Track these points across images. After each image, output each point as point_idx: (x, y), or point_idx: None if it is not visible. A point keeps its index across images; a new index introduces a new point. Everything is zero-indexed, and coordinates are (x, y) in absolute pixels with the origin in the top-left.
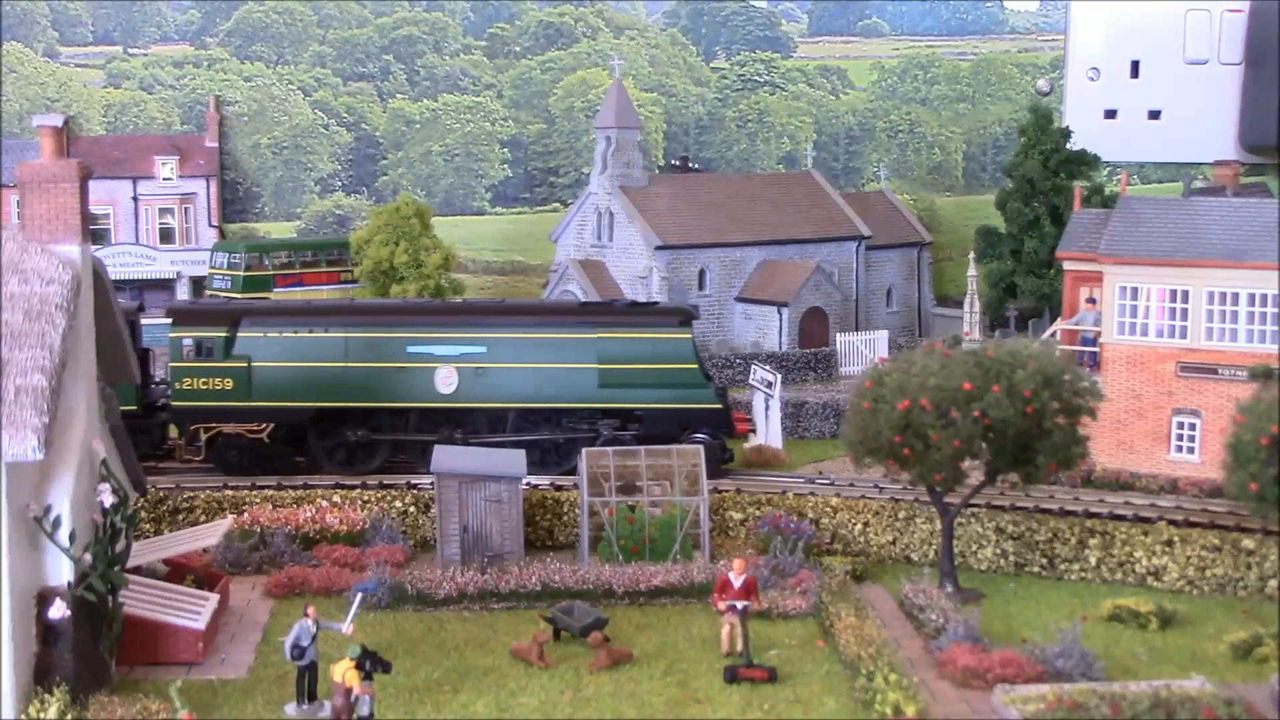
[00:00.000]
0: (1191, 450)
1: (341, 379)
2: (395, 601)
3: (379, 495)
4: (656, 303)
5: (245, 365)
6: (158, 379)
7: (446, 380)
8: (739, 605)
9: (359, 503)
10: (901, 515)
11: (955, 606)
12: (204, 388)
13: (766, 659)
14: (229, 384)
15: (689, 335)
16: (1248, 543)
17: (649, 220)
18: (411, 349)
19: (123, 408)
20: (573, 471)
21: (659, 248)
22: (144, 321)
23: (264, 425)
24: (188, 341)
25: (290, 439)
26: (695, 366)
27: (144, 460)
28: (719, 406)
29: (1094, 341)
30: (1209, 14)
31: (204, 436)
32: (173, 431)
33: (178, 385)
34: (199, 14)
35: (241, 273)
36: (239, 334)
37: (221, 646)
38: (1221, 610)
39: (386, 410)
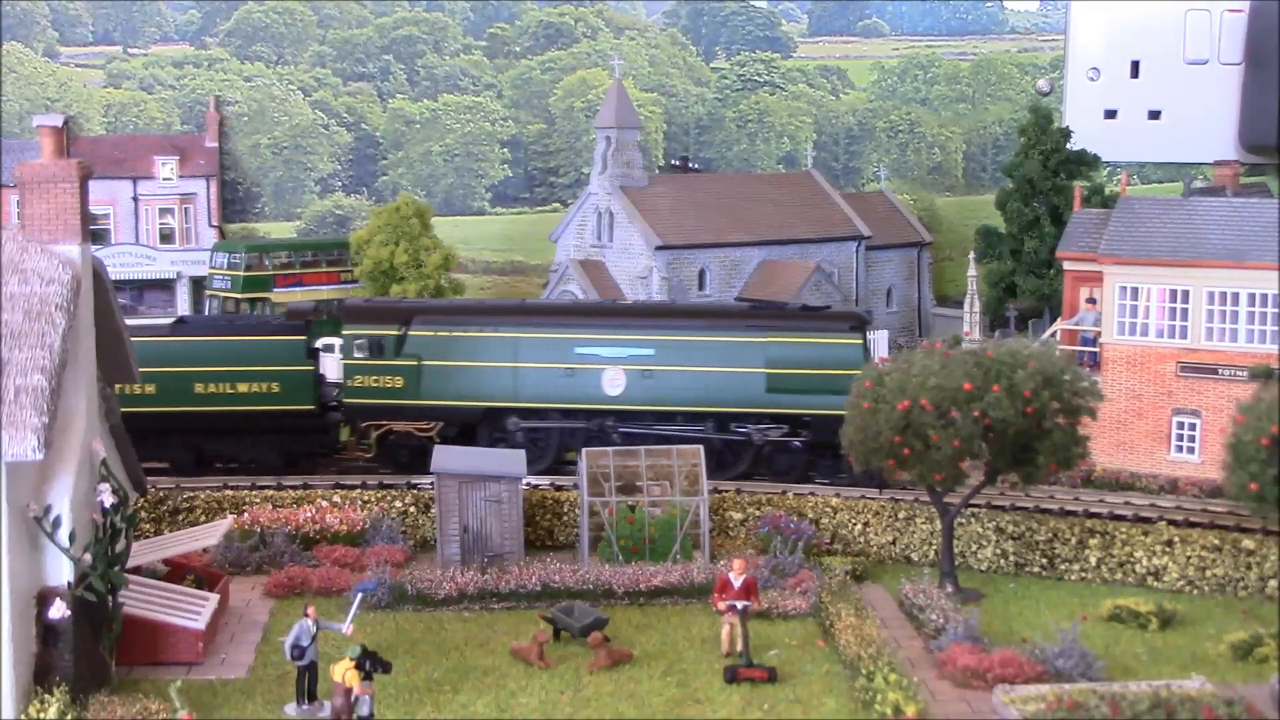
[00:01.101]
0: (1191, 450)
1: (510, 379)
2: (395, 601)
3: (379, 495)
4: (829, 307)
5: (415, 364)
6: (329, 379)
7: (614, 381)
8: (739, 605)
9: (359, 503)
10: (901, 515)
11: (955, 606)
12: (375, 385)
13: (766, 659)
14: (399, 382)
15: (860, 341)
16: (1248, 543)
17: (649, 220)
18: (580, 350)
19: (299, 406)
20: (739, 477)
21: (659, 248)
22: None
23: (433, 424)
24: (361, 339)
25: (459, 438)
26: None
27: (319, 457)
28: None
29: (1094, 341)
30: (1209, 14)
31: (374, 435)
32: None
33: (349, 383)
34: (199, 14)
35: (241, 273)
36: (410, 332)
37: (221, 646)
38: (1221, 610)
39: (555, 410)
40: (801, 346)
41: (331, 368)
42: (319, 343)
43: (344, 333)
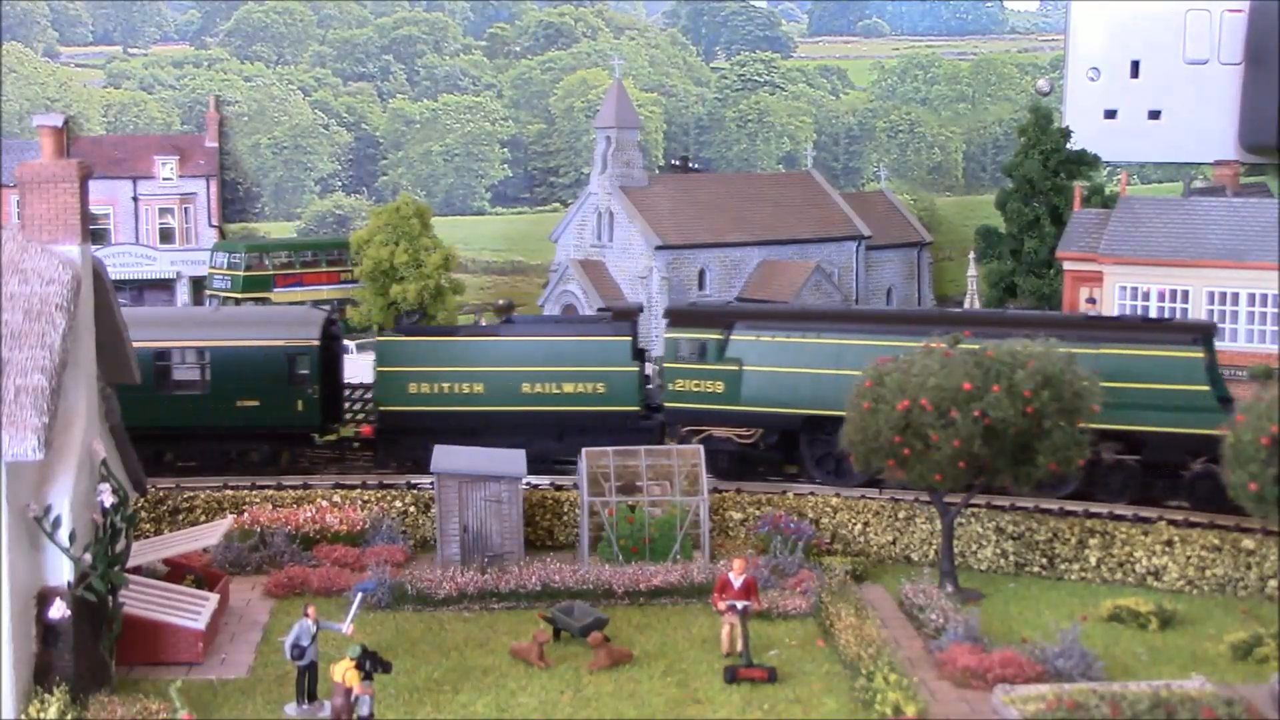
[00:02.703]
0: None
1: (833, 386)
2: (395, 601)
3: (379, 495)
4: (1169, 319)
5: (736, 368)
6: (653, 380)
7: None
8: (739, 605)
9: (359, 503)
10: (901, 515)
11: (955, 606)
12: (695, 389)
13: (766, 659)
14: (720, 387)
15: (1202, 354)
16: (1248, 543)
17: (649, 220)
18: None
19: (624, 408)
20: (1071, 497)
21: (659, 248)
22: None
23: (753, 430)
24: (683, 343)
25: (779, 445)
26: (1207, 389)
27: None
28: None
29: None
30: (1209, 14)
31: (694, 439)
32: None
33: (670, 386)
34: (199, 14)
35: (241, 273)
36: (732, 337)
37: (221, 646)
38: (1221, 610)
39: None
40: (1137, 360)
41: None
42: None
43: (666, 336)
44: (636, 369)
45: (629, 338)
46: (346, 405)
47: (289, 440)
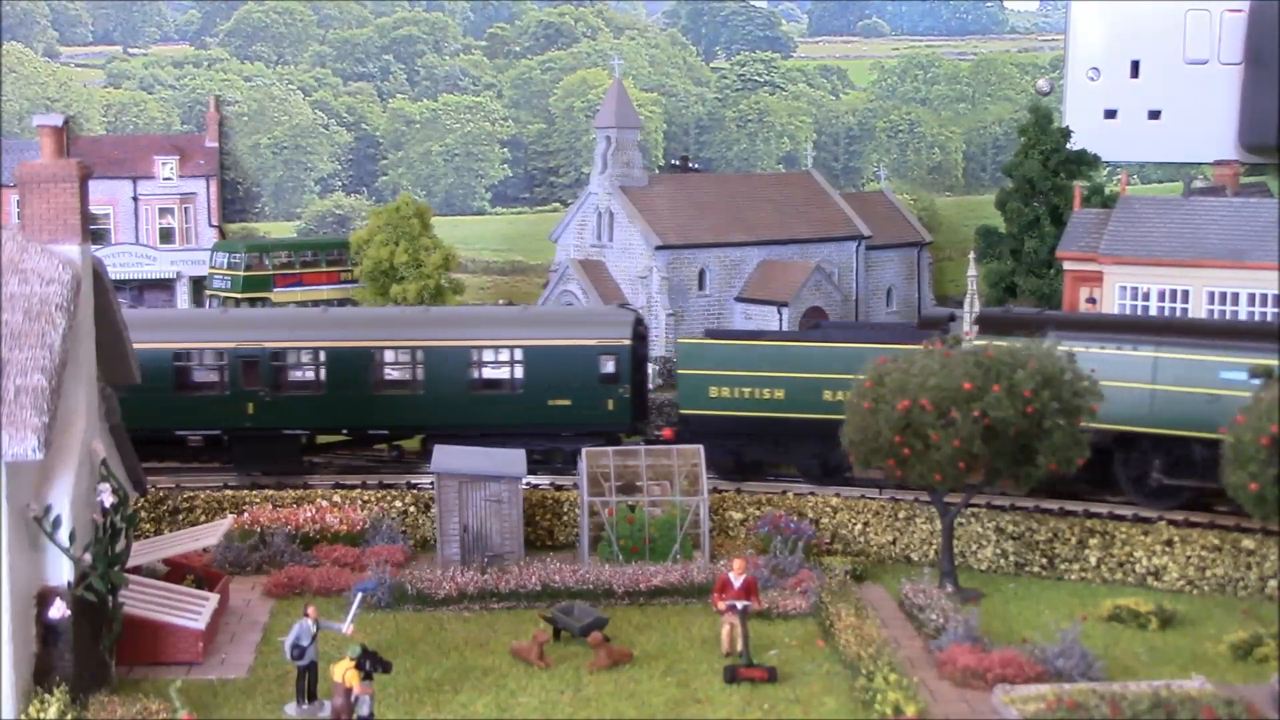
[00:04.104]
0: None
1: (1150, 402)
2: (395, 601)
3: (379, 495)
4: None
5: None
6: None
7: None
8: (739, 605)
9: (359, 503)
10: (901, 515)
11: (955, 606)
12: None
13: (766, 659)
14: None
15: None
16: (1248, 543)
17: (649, 220)
18: (1226, 375)
19: None
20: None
21: (659, 248)
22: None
23: None
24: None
25: (1090, 464)
26: None
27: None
28: None
29: None
30: (1209, 14)
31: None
32: None
33: None
34: (199, 14)
35: (241, 272)
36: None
37: (221, 646)
38: (1221, 610)
39: (1197, 440)
40: None
41: None
42: None
43: (975, 343)
44: None
45: None
46: None
47: (597, 440)
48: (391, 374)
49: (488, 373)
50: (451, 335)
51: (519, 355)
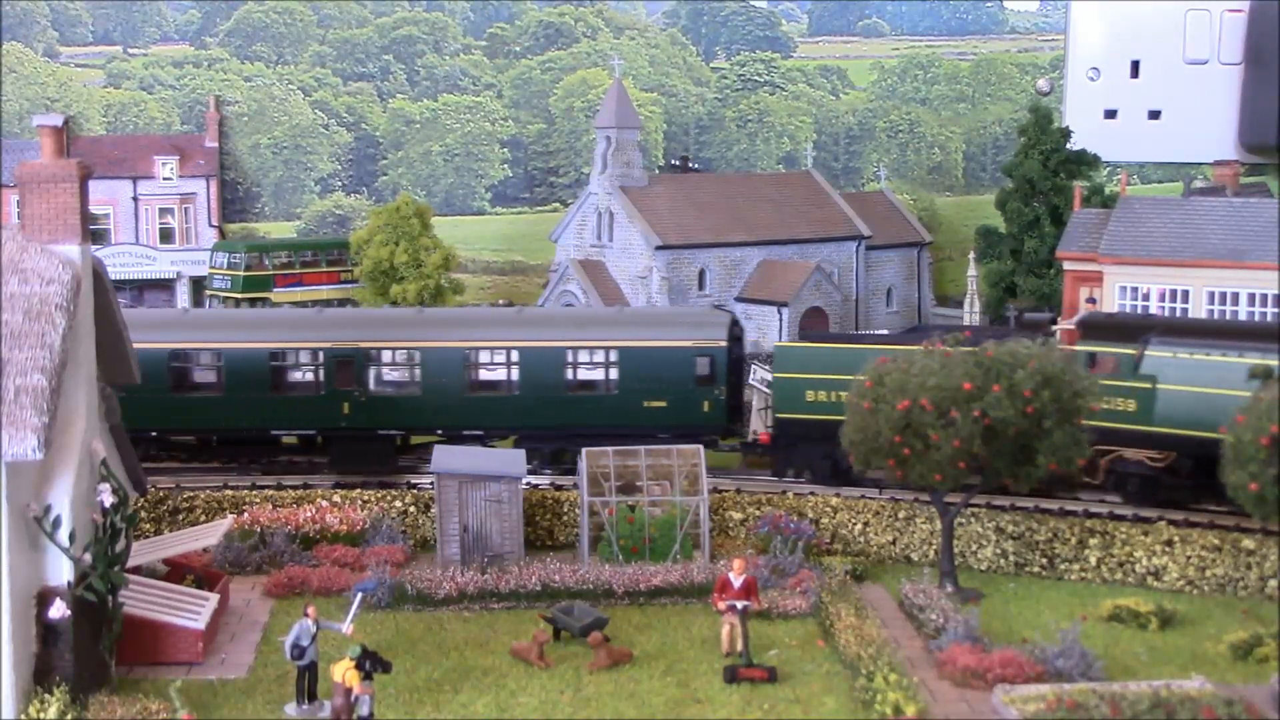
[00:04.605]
0: None
1: None
2: (395, 601)
3: (379, 495)
4: None
5: (1150, 386)
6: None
7: None
8: (739, 605)
9: (359, 503)
10: (901, 515)
11: (955, 606)
12: (1105, 406)
13: (766, 659)
14: (1131, 405)
15: None
16: (1248, 543)
17: (649, 220)
18: None
19: None
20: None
21: (659, 248)
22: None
23: (1166, 454)
24: (1102, 356)
25: (1193, 474)
26: None
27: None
28: None
29: None
30: (1209, 14)
31: (1103, 460)
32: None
33: None
34: (199, 14)
35: (241, 272)
36: (1147, 352)
37: (221, 646)
38: (1221, 610)
39: None
40: None
41: None
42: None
43: (1078, 348)
44: None
45: (1090, 348)
46: None
47: (691, 442)
48: (486, 375)
49: (583, 374)
50: (546, 336)
51: (614, 356)
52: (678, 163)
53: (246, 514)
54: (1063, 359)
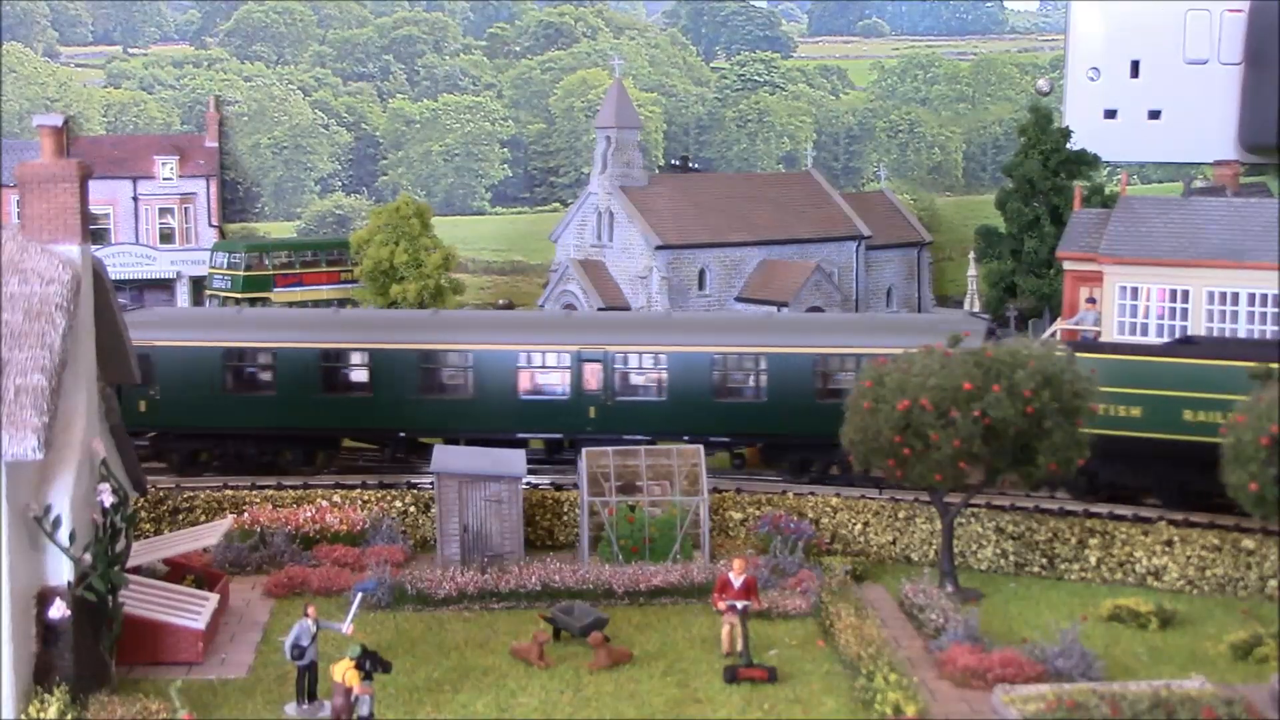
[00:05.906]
0: None
1: None
2: (395, 601)
3: (379, 495)
4: None
5: None
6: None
7: None
8: (739, 605)
9: (359, 503)
10: (901, 515)
11: (955, 606)
12: None
13: (766, 659)
14: None
15: None
16: (1248, 543)
17: (649, 220)
18: None
19: None
20: None
21: (659, 248)
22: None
23: None
24: None
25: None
26: None
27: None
28: None
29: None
30: (1209, 14)
31: None
32: None
33: None
34: (199, 14)
35: (241, 272)
36: None
37: (221, 646)
38: (1221, 610)
39: None
40: None
41: None
42: None
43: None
44: None
45: None
46: None
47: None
48: (734, 381)
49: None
50: (793, 342)
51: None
52: (678, 163)
53: (246, 514)
54: (1062, 359)
